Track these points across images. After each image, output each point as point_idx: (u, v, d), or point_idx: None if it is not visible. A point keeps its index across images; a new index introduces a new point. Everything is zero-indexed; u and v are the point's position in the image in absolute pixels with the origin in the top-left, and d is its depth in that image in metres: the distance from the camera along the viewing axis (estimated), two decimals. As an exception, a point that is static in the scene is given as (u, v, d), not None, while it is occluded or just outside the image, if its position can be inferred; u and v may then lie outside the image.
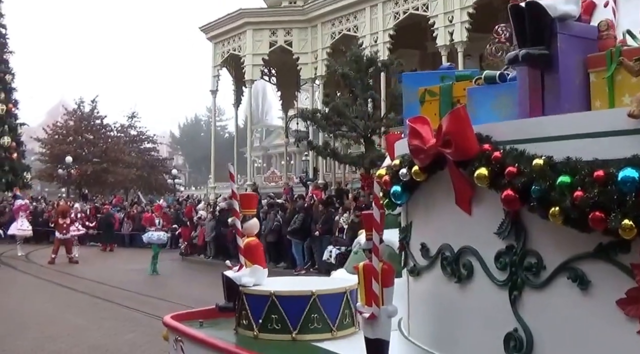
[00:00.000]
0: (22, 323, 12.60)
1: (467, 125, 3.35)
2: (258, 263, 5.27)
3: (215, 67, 33.62)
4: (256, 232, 5.45)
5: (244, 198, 5.50)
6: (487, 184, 3.22)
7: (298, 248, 20.68)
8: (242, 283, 5.12)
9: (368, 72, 22.92)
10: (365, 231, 4.32)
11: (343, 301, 5.03)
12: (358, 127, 22.48)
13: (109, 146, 52.30)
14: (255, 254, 5.33)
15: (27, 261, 25.00)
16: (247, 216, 5.39)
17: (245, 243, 5.30)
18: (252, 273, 5.20)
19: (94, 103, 53.29)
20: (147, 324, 12.40)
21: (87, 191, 48.13)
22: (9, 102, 42.01)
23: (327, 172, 33.97)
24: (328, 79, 28.99)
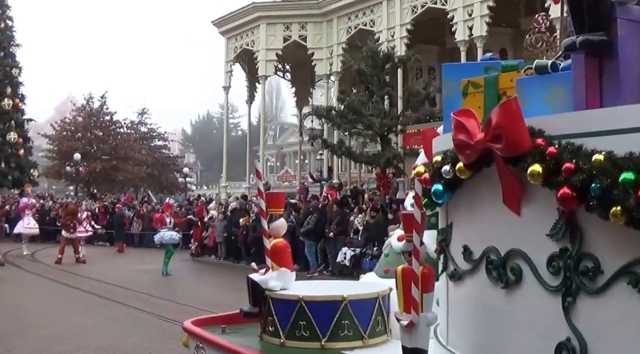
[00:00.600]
0: (27, 322, 12.62)
1: (519, 118, 3.22)
2: (285, 266, 5.14)
3: (228, 62, 33.65)
4: (283, 233, 5.32)
5: (270, 197, 5.35)
6: (541, 182, 3.09)
7: (311, 250, 20.61)
8: (269, 286, 5.00)
9: (385, 68, 22.85)
10: (405, 232, 4.20)
11: (375, 307, 4.89)
12: (374, 125, 22.40)
13: (119, 143, 52.42)
14: (282, 256, 5.19)
15: (32, 260, 25.06)
16: (274, 215, 5.25)
17: (272, 244, 5.16)
18: (279, 277, 5.07)
19: (103, 99, 53.42)
20: (155, 325, 12.42)
21: (96, 189, 48.29)
22: (16, 97, 41.82)
23: (342, 172, 33.99)
24: (343, 76, 28.96)
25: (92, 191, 46.87)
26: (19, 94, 42.46)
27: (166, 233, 20.88)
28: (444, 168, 3.76)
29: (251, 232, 23.25)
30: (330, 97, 31.16)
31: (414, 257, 3.90)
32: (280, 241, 5.22)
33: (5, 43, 42.62)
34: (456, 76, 4.40)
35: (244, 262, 23.71)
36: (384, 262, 6.48)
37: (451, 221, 4.15)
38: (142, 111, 57.09)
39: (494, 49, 26.26)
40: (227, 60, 33.72)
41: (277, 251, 5.16)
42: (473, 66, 4.63)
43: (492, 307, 3.65)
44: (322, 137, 25.77)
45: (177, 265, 23.41)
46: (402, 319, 3.95)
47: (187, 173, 52.21)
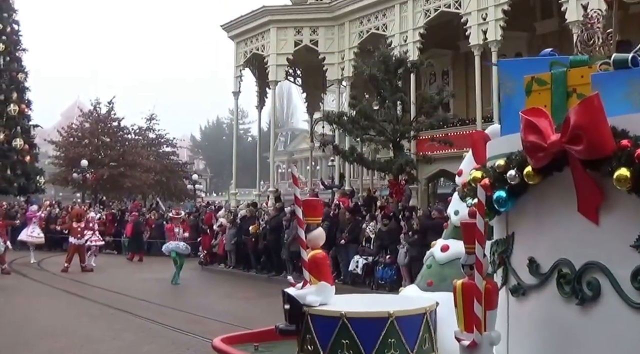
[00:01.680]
0: (33, 333, 12.61)
1: (602, 117, 3.01)
2: (325, 279, 4.85)
3: (238, 67, 33.84)
4: (322, 244, 5.03)
5: (307, 204, 5.06)
6: (628, 188, 2.90)
7: (322, 258, 20.68)
8: (307, 302, 4.71)
9: (397, 73, 22.98)
10: (465, 243, 4.03)
11: (422, 324, 4.57)
12: (386, 131, 22.53)
13: (127, 149, 52.59)
14: (322, 268, 4.90)
15: (39, 268, 25.07)
16: (311, 224, 4.96)
17: (310, 256, 4.89)
18: (319, 291, 4.77)
19: (110, 104, 53.51)
20: (165, 335, 12.50)
21: (104, 196, 48.48)
22: (22, 103, 41.90)
23: (354, 179, 34.06)
24: (355, 80, 29.11)
25: (100, 198, 47.04)
26: (25, 99, 42.54)
27: (171, 243, 21.37)
28: (509, 173, 3.56)
29: (261, 241, 23.43)
30: (342, 102, 31.33)
31: (477, 271, 3.74)
32: (319, 252, 4.97)
33: (11, 48, 42.59)
34: (515, 73, 4.21)
35: (254, 271, 23.91)
36: (426, 274, 6.32)
37: (513, 230, 3.95)
38: (150, 116, 57.27)
39: (509, 54, 26.40)
40: (236, 65, 33.91)
41: (316, 263, 4.90)
42: (534, 62, 4.45)
43: (564, 325, 3.44)
44: (334, 143, 25.96)
45: (186, 274, 23.52)
46: (463, 339, 3.82)
47: (196, 180, 52.34)
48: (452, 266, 5.85)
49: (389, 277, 18.34)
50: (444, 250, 6.15)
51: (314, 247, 4.93)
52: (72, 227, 24.79)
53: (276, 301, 16.78)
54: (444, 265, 6.09)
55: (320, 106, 37.38)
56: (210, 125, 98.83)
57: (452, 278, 5.56)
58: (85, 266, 24.15)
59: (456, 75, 29.04)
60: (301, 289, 4.81)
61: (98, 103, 53.72)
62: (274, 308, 16.45)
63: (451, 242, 6.10)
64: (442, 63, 28.61)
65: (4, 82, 41.68)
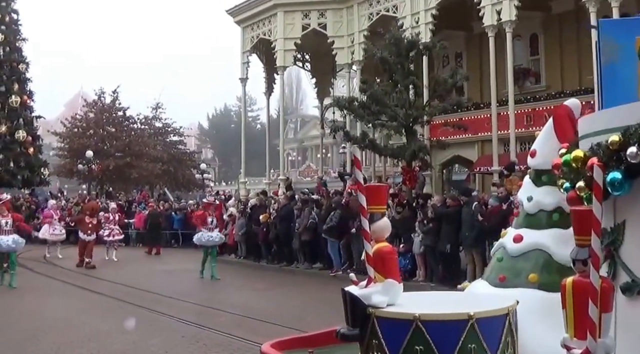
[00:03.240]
0: (39, 327, 12.71)
1: None
2: (392, 276, 4.44)
3: (245, 53, 33.83)
4: (388, 235, 4.65)
5: (371, 191, 4.68)
6: None
7: (334, 248, 20.81)
8: (373, 302, 4.31)
9: (409, 56, 22.89)
10: (577, 233, 3.66)
11: (505, 326, 4.19)
12: (399, 116, 22.49)
13: (133, 139, 52.77)
14: (388, 264, 4.48)
15: (45, 262, 25.23)
16: (374, 213, 4.56)
17: (375, 250, 4.49)
18: (386, 290, 4.36)
19: (115, 94, 53.68)
20: (175, 328, 12.59)
21: (111, 187, 48.64)
22: (24, 94, 41.92)
23: (367, 166, 34.04)
24: (366, 65, 29.05)
25: (106, 189, 47.20)
26: (26, 90, 42.57)
27: (204, 234, 20.59)
28: (629, 150, 3.16)
29: (272, 230, 23.52)
30: (352, 87, 31.30)
31: (593, 266, 3.36)
32: (385, 245, 4.57)
33: (10, 37, 42.53)
34: (619, 35, 3.76)
35: (265, 261, 24.01)
36: (497, 267, 5.89)
37: (623, 218, 3.59)
38: (156, 105, 57.45)
39: (525, 35, 26.35)
40: (243, 51, 33.89)
41: (381, 257, 4.48)
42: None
43: None
44: (345, 129, 25.91)
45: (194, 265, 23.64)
46: (573, 348, 3.50)
47: (205, 169, 52.49)
48: (527, 258, 5.60)
49: (403, 266, 18.34)
50: (516, 241, 5.75)
51: (379, 240, 4.56)
52: (82, 221, 24.39)
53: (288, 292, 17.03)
54: (517, 258, 5.71)
55: (330, 92, 37.34)
56: (217, 113, 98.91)
57: (528, 273, 5.51)
58: (89, 262, 23.43)
59: (470, 57, 28.93)
60: (365, 287, 4.44)
61: (102, 93, 53.88)
62: (286, 299, 16.68)
63: (525, 232, 5.76)
64: (455, 45, 28.49)
65: (4, 73, 41.76)
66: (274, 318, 13.33)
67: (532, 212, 5.68)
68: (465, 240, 16.90)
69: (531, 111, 24.31)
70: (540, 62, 26.58)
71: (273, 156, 38.96)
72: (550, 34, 26.10)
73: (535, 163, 5.69)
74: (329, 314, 13.81)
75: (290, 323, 12.64)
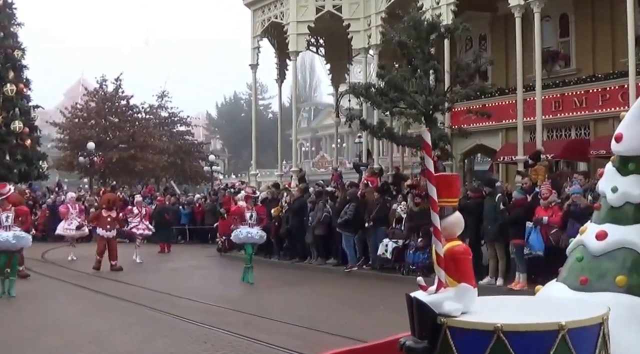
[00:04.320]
0: (38, 329, 12.72)
1: None
2: (466, 280, 4.19)
3: (255, 38, 33.82)
4: (460, 232, 4.46)
5: (442, 182, 4.44)
6: None
7: (349, 242, 20.84)
8: (445, 311, 4.04)
9: (429, 39, 22.85)
10: None
11: (599, 338, 3.91)
12: (418, 104, 22.48)
13: (137, 129, 52.94)
14: (461, 266, 4.23)
15: (43, 261, 25.05)
16: (445, 207, 4.39)
17: (447, 250, 4.29)
18: (459, 296, 4.10)
19: (118, 82, 53.77)
20: (181, 328, 12.62)
21: (114, 181, 48.80)
22: (20, 82, 41.14)
23: (384, 156, 34.06)
24: (383, 49, 28.95)
25: (109, 182, 47.34)
26: (23, 78, 41.81)
27: (243, 230, 19.07)
28: None
29: (284, 224, 23.59)
30: (369, 73, 31.28)
31: None
32: (458, 244, 4.36)
33: (5, 22, 41.85)
34: None
35: (276, 257, 24.10)
36: (577, 268, 5.50)
37: None
38: (162, 93, 57.55)
39: (554, 15, 26.21)
40: (253, 36, 33.88)
41: (454, 258, 4.24)
42: None
43: None
44: (361, 117, 25.90)
45: (203, 262, 23.82)
46: None
47: (213, 161, 52.65)
48: (613, 258, 5.24)
49: (420, 261, 18.38)
50: (600, 238, 5.36)
51: (450, 237, 4.35)
52: (100, 216, 22.79)
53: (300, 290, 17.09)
54: (601, 257, 5.32)
55: (345, 78, 37.31)
56: (227, 101, 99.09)
57: (614, 274, 5.06)
58: (114, 265, 21.95)
59: (495, 40, 28.80)
60: (435, 293, 4.20)
61: (104, 80, 53.95)
62: (298, 297, 16.76)
63: (609, 227, 5.38)
64: (479, 27, 28.35)
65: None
66: (285, 316, 13.39)
67: (618, 205, 5.33)
68: (487, 234, 16.89)
69: (560, 96, 24.24)
70: (570, 44, 26.39)
71: (285, 146, 39.01)
72: (582, 13, 25.91)
73: (622, 149, 5.34)
74: (344, 313, 13.96)
75: (303, 321, 12.72)
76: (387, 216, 20.12)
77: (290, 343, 11.00)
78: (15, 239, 16.52)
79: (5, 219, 16.58)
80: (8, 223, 16.58)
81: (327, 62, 38.29)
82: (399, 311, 14.55)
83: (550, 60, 25.72)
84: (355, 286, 18.37)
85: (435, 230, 4.26)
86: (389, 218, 20.10)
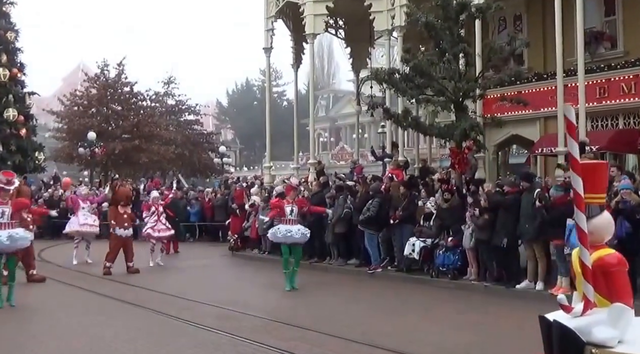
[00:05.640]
0: (37, 335, 12.73)
1: None
2: (621, 299, 3.73)
3: (269, 19, 33.74)
4: (609, 238, 4.02)
5: (589, 172, 3.96)
6: None
7: (373, 241, 20.76)
8: (596, 339, 3.57)
9: (459, 20, 22.71)
10: None
11: None
12: (447, 90, 22.35)
13: (141, 118, 53.10)
14: (616, 280, 3.75)
15: (40, 260, 24.74)
16: (592, 205, 3.92)
17: (595, 260, 3.83)
18: (614, 320, 3.62)
19: (121, 67, 53.96)
20: (190, 334, 12.61)
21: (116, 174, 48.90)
22: (14, 66, 40.85)
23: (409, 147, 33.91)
24: (408, 31, 28.82)
25: (111, 176, 47.40)
26: (16, 62, 41.57)
27: (281, 227, 18.29)
28: None
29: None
30: (393, 57, 31.14)
31: None
32: (609, 253, 3.86)
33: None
34: None
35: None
36: None
37: None
38: (169, 80, 57.72)
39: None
40: (267, 17, 33.80)
41: (606, 271, 3.78)
42: None
43: None
44: (384, 106, 25.79)
45: (215, 261, 23.77)
46: None
47: (224, 152, 52.72)
48: None
49: (451, 263, 18.30)
50: None
51: (598, 243, 3.88)
52: (116, 213, 22.16)
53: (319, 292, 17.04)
54: None
55: (367, 63, 37.19)
56: (238, 88, 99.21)
57: None
58: (131, 267, 21.55)
59: (531, 20, 28.57)
60: (581, 315, 3.73)
61: (106, 65, 54.06)
62: (317, 301, 16.74)
63: None
64: (513, 6, 28.17)
65: (-12, 42, 40.58)
66: (303, 321, 13.35)
67: None
68: (525, 233, 16.73)
69: (605, 81, 23.96)
70: (616, 23, 26.08)
71: (302, 137, 39.00)
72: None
73: None
74: (367, 318, 13.89)
75: (323, 327, 12.66)
76: (414, 212, 20.01)
77: (308, 350, 10.99)
78: (10, 240, 15.22)
79: (1, 215, 15.31)
80: (4, 220, 15.29)
81: (347, 46, 38.19)
82: (427, 316, 14.53)
83: (594, 41, 25.45)
84: (379, 289, 18.30)
85: (580, 234, 3.76)
86: (416, 215, 19.99)
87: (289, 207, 18.12)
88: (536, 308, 14.89)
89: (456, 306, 15.47)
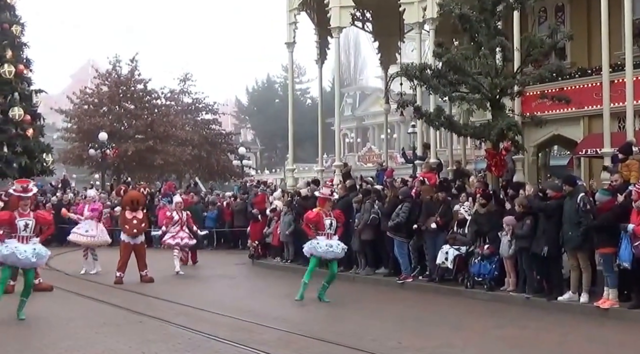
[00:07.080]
0: (41, 347, 12.74)
1: None
2: None
3: (292, 11, 33.71)
4: None
5: None
6: None
7: (402, 249, 20.64)
8: None
9: (495, 11, 22.63)
10: None
11: None
12: (482, 87, 22.27)
13: (156, 118, 53.28)
14: None
15: (47, 268, 24.64)
16: None
17: None
18: None
19: (133, 63, 54.15)
20: (207, 347, 12.56)
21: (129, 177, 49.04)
22: (19, 62, 40.74)
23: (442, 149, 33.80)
24: (441, 24, 28.78)
25: (124, 178, 47.55)
26: (22, 58, 41.49)
27: (321, 241, 17.74)
28: None
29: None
30: (424, 52, 31.06)
31: None
32: None
33: None
34: None
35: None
36: None
37: None
38: (185, 77, 57.81)
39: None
40: (290, 9, 33.77)
41: None
42: None
43: None
44: (415, 104, 25.72)
45: (233, 270, 23.74)
46: None
47: (244, 154, 52.83)
48: None
49: (488, 272, 18.14)
50: None
51: None
52: (124, 218, 22.07)
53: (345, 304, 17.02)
54: None
55: (396, 58, 37.15)
56: (259, 85, 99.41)
57: None
58: (144, 275, 21.46)
59: (574, 11, 28.42)
60: None
61: (118, 61, 54.21)
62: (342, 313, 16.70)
63: None
64: (554, -4, 28.14)
65: (-7, 36, 40.41)
66: (327, 334, 13.30)
67: None
68: (568, 241, 16.52)
69: (656, 77, 23.80)
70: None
71: (327, 137, 39.00)
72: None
73: None
74: (396, 332, 13.81)
75: (347, 341, 12.62)
76: (450, 219, 19.87)
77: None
78: (36, 257, 15.05)
79: (24, 228, 14.91)
80: (27, 233, 14.94)
81: (374, 40, 38.24)
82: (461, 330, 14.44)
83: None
84: (410, 300, 18.23)
85: None
86: (450, 221, 19.87)
87: (327, 220, 17.88)
88: (580, 322, 14.87)
89: (493, 319, 15.37)
